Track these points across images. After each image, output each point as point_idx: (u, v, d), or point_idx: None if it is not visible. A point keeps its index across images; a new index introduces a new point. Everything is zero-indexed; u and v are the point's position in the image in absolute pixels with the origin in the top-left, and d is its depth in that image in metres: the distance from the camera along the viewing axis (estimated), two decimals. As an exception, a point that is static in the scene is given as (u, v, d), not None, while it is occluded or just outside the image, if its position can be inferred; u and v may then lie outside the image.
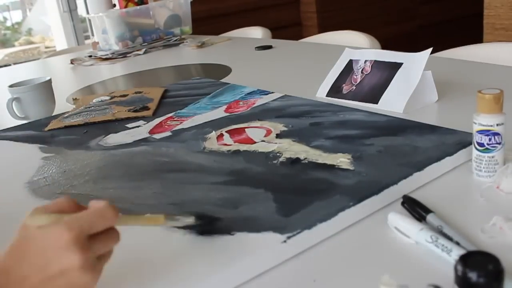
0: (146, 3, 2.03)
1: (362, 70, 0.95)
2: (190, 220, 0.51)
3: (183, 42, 2.02)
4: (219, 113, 0.93)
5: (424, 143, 0.66)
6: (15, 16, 3.94)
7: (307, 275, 0.46)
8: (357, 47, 1.04)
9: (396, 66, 0.89)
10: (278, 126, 0.81)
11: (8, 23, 3.91)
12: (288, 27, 2.91)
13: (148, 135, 0.88)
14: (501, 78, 0.98)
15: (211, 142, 0.79)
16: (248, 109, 0.93)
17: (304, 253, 0.50)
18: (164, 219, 0.48)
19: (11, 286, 0.40)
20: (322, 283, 0.45)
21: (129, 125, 0.95)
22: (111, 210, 0.43)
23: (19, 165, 0.83)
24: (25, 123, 1.08)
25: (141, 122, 0.96)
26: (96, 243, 0.42)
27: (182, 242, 0.51)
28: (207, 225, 0.52)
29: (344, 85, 0.95)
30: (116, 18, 1.95)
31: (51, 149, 0.88)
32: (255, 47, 1.65)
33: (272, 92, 1.01)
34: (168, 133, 0.87)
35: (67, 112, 1.10)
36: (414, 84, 0.84)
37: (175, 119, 0.95)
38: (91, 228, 0.41)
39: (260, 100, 0.97)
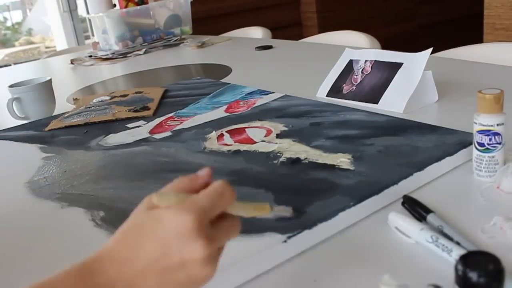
0: (146, 3, 2.03)
1: (362, 70, 0.95)
2: (288, 214, 0.47)
3: (183, 42, 2.02)
4: (220, 113, 0.93)
5: (424, 143, 0.66)
6: (15, 16, 3.94)
7: (307, 275, 0.46)
8: (357, 47, 1.04)
9: (396, 66, 0.89)
10: (278, 126, 0.81)
11: (8, 23, 3.91)
12: (288, 27, 2.91)
13: (148, 135, 0.88)
14: (501, 78, 0.98)
15: (212, 142, 0.79)
16: (249, 109, 0.93)
17: (304, 253, 0.50)
18: (270, 209, 0.44)
19: (124, 277, 0.35)
20: (322, 283, 0.45)
21: (129, 125, 0.95)
22: (229, 188, 0.39)
23: (19, 165, 0.83)
24: (25, 123, 1.08)
25: (141, 122, 0.96)
26: (218, 233, 0.38)
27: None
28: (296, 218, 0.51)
29: (344, 85, 0.95)
30: (116, 18, 1.95)
31: (51, 149, 0.88)
32: (255, 47, 1.65)
33: (272, 92, 1.01)
34: (168, 133, 0.87)
35: (67, 112, 1.10)
36: (414, 84, 0.84)
37: (175, 119, 0.95)
38: (212, 210, 0.37)
39: (260, 100, 0.97)
